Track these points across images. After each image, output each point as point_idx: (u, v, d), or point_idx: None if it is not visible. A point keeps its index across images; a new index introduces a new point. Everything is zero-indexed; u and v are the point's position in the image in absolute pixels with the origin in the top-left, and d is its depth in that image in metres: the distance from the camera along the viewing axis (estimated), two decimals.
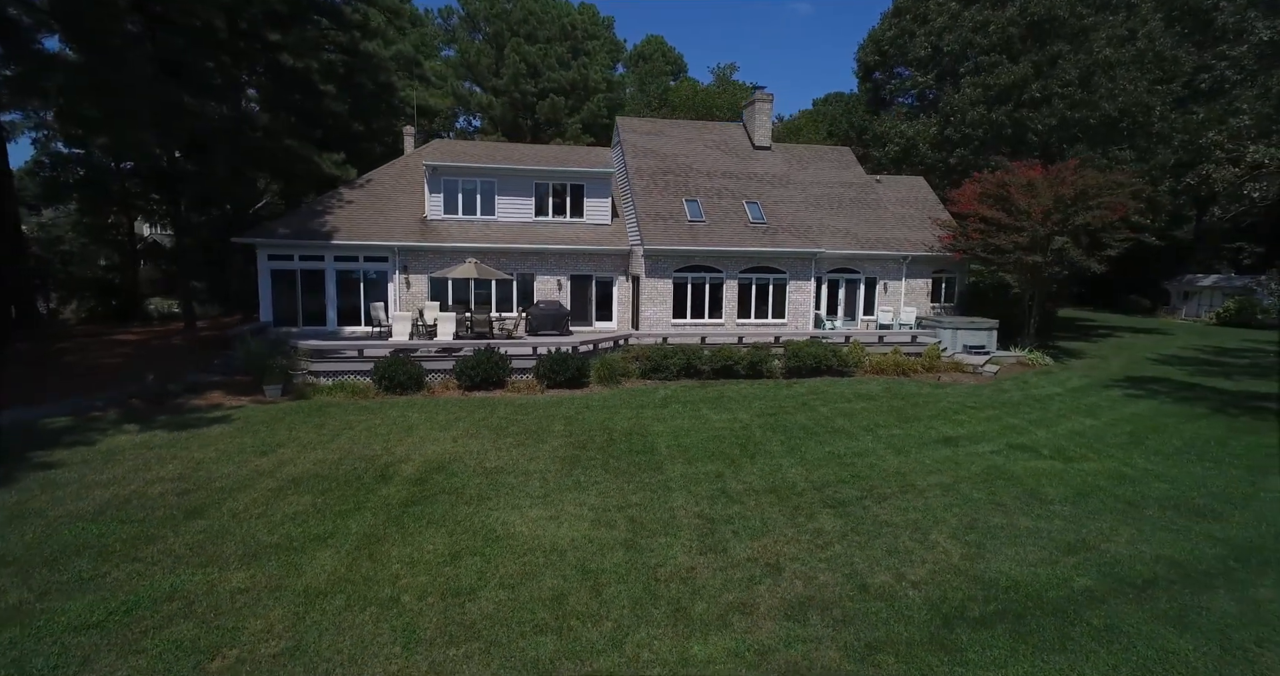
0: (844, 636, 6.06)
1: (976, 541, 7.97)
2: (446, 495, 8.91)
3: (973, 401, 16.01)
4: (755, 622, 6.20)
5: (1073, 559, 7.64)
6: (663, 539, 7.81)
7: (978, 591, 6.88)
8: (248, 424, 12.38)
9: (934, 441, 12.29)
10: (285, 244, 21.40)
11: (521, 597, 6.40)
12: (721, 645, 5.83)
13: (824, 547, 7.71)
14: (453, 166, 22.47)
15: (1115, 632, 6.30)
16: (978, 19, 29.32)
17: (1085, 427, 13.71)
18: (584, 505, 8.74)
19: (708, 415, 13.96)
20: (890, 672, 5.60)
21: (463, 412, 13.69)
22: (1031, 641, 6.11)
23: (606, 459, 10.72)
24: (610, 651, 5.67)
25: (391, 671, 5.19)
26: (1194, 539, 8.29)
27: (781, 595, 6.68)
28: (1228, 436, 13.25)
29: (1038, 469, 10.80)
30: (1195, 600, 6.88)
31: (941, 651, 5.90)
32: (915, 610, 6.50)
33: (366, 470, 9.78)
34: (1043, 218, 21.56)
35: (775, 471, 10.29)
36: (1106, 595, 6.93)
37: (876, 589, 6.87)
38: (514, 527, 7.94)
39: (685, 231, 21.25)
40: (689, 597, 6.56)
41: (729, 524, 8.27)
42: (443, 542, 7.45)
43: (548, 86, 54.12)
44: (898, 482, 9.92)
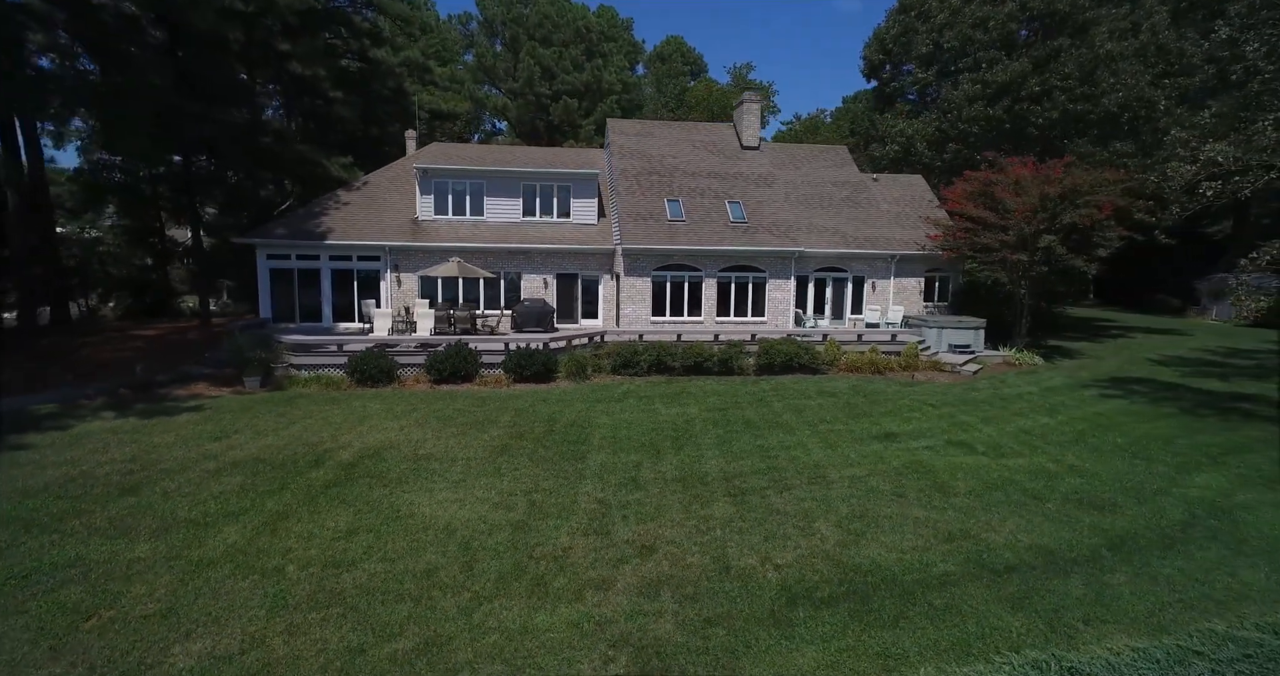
0: (686, 612, 6.42)
1: (858, 529, 8.22)
2: (369, 478, 9.49)
3: (935, 399, 16.05)
4: (607, 597, 6.60)
5: (946, 546, 7.85)
6: (554, 521, 8.24)
7: (836, 574, 7.16)
8: (216, 412, 13.19)
9: (872, 437, 12.47)
10: (283, 244, 22.38)
11: (397, 570, 6.91)
12: (565, 616, 6.25)
13: (705, 532, 8.05)
14: (443, 169, 23.20)
15: (952, 612, 6.54)
16: (977, 15, 28.99)
17: (1036, 426, 13.69)
18: (494, 489, 9.22)
19: (659, 409, 14.33)
20: (716, 643, 5.95)
21: (421, 404, 14.31)
22: (867, 619, 6.39)
23: (536, 448, 11.19)
24: (458, 618, 6.13)
25: (249, 631, 5.72)
26: (1078, 529, 8.41)
27: (644, 574, 7.06)
28: (1179, 435, 13.12)
29: (961, 464, 10.93)
30: (1046, 584, 7.07)
31: (773, 626, 6.22)
32: (766, 590, 6.82)
33: (305, 455, 10.42)
34: (1028, 216, 21.37)
35: (694, 462, 10.63)
36: (961, 579, 7.14)
37: (738, 570, 7.20)
38: (418, 508, 8.47)
39: (665, 231, 21.61)
40: (554, 574, 6.98)
41: (623, 509, 8.66)
42: (345, 520, 8.02)
43: (561, 89, 54.88)
44: (811, 474, 10.18)
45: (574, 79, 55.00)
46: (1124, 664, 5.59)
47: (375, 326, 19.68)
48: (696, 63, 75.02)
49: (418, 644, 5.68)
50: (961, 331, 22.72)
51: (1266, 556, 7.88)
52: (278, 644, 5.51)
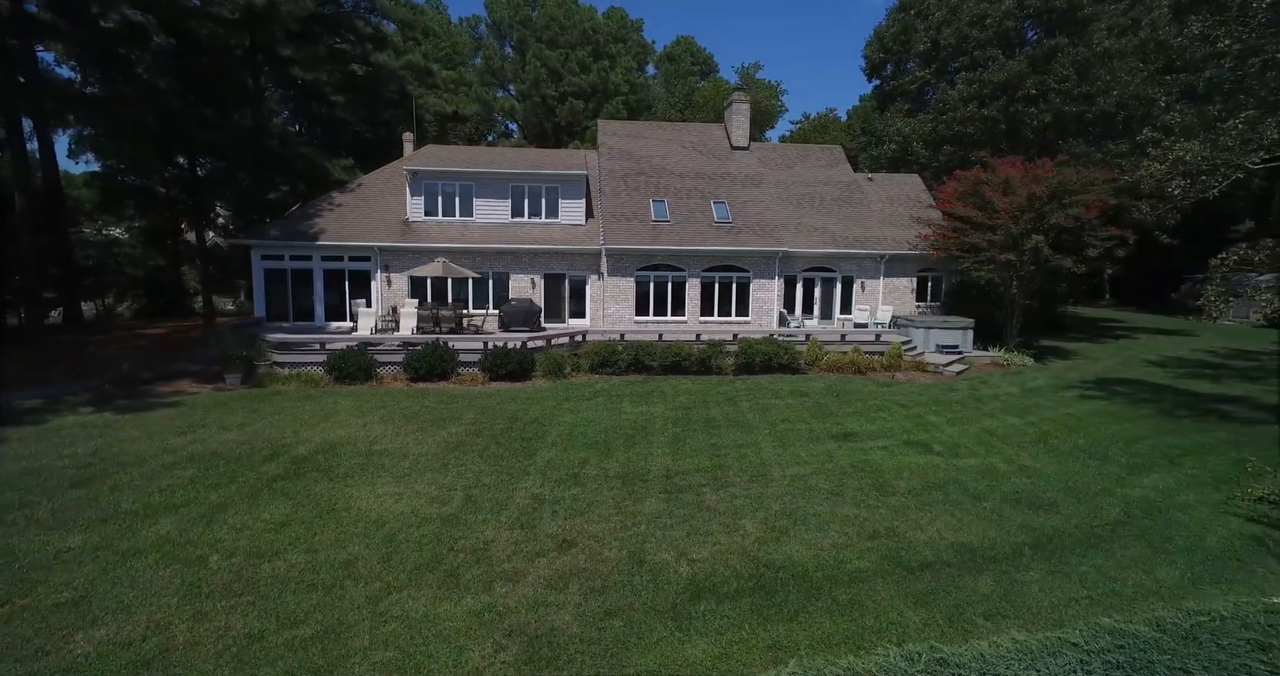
0: (589, 604, 6.57)
1: (783, 527, 8.31)
2: (317, 473, 9.76)
3: (908, 400, 16.01)
4: (515, 589, 6.77)
5: (867, 544, 7.91)
6: (484, 516, 8.44)
7: (748, 570, 7.26)
8: (190, 408, 13.58)
9: (830, 436, 12.50)
10: (276, 244, 22.88)
11: (318, 561, 7.14)
12: (469, 606, 6.43)
13: (629, 528, 8.19)
14: (432, 170, 23.55)
15: (854, 607, 6.62)
16: (974, 12, 28.72)
17: (1002, 426, 13.63)
18: (435, 484, 9.44)
19: (624, 408, 14.47)
20: (610, 634, 6.09)
21: (391, 401, 14.60)
22: (767, 613, 6.50)
23: (490, 445, 11.40)
24: (364, 607, 6.34)
25: (156, 619, 5.97)
26: (1007, 528, 8.42)
27: (558, 567, 7.22)
28: (1147, 436, 13.00)
29: (911, 463, 10.94)
30: (957, 581, 7.12)
31: (671, 619, 6.35)
32: (674, 584, 6.95)
33: (262, 450, 10.73)
34: (1015, 216, 21.20)
35: (640, 460, 10.77)
36: (872, 576, 7.21)
37: (651, 565, 7.33)
38: (356, 502, 8.71)
39: (648, 231, 21.75)
40: (469, 566, 7.17)
41: (556, 504, 8.83)
42: (281, 512, 8.28)
43: (567, 90, 55.24)
44: (754, 473, 10.27)
45: (580, 80, 55.31)
46: (995, 655, 5.66)
47: (359, 325, 20.08)
48: (707, 63, 74.98)
49: (318, 631, 5.89)
50: (949, 332, 22.58)
51: (1187, 554, 7.85)
52: (181, 630, 5.76)
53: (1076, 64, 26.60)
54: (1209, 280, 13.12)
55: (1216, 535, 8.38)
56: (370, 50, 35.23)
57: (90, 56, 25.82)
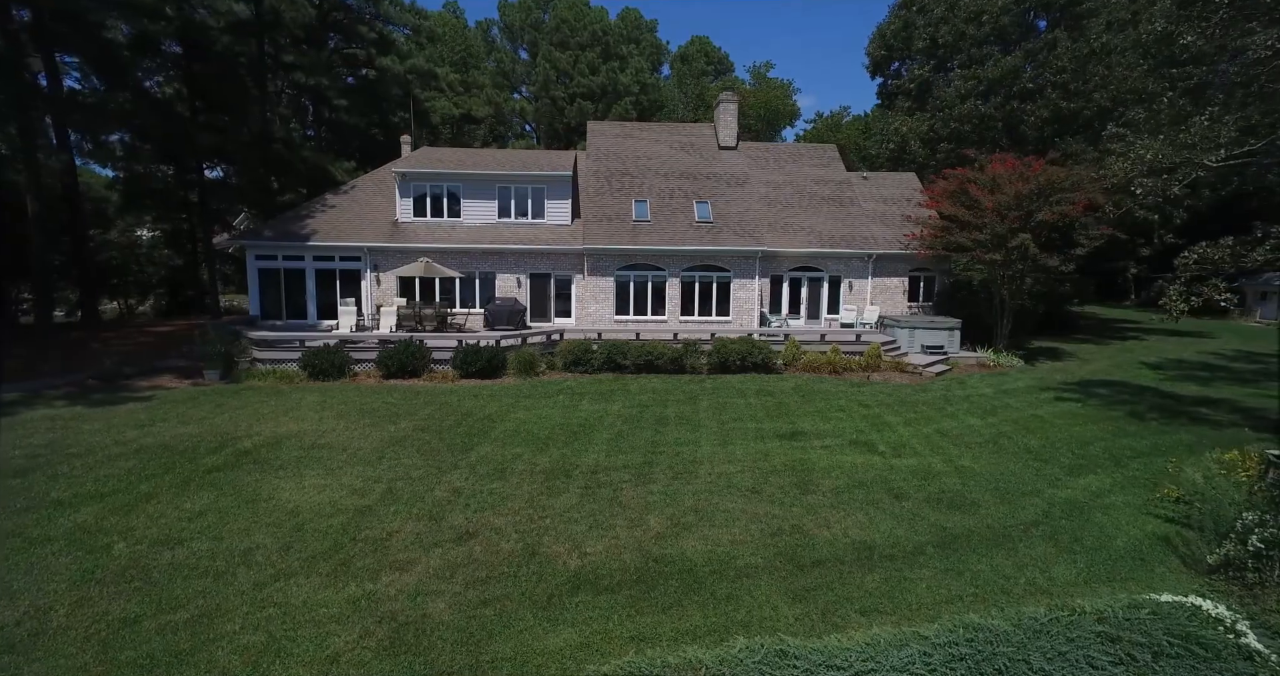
0: (468, 594, 6.72)
1: (688, 523, 8.37)
2: (254, 464, 10.07)
3: (874, 400, 15.91)
4: (400, 578, 6.96)
5: (767, 540, 7.94)
6: (398, 507, 8.64)
7: (637, 563, 7.35)
8: (159, 403, 14.06)
9: (776, 435, 12.50)
10: (269, 245, 23.48)
11: (219, 549, 7.40)
12: (350, 594, 6.62)
13: (535, 521, 8.33)
14: (420, 173, 23.96)
15: (730, 601, 6.68)
16: (971, 8, 28.30)
17: (959, 427, 13.49)
18: (363, 477, 9.69)
19: (582, 405, 14.62)
20: (478, 623, 6.23)
21: (356, 397, 14.94)
22: (640, 605, 6.58)
23: (433, 439, 11.63)
24: (249, 593, 6.56)
25: (39, 604, 6.22)
26: (917, 527, 8.38)
27: (450, 558, 7.39)
28: (1104, 438, 12.78)
29: (846, 463, 10.91)
30: (845, 577, 7.13)
31: (543, 610, 6.47)
32: (557, 576, 7.06)
33: (210, 442, 11.09)
34: (1000, 214, 20.91)
35: (574, 455, 10.90)
36: (760, 571, 7.25)
37: (543, 557, 7.46)
38: (279, 492, 8.98)
39: (628, 231, 21.87)
40: (364, 556, 7.37)
41: (472, 498, 9.01)
42: (203, 502, 8.58)
43: (576, 91, 55.64)
44: (682, 470, 10.33)
45: (588, 82, 55.67)
46: (838, 647, 5.73)
47: (340, 323, 20.55)
48: (721, 62, 74.90)
49: (194, 615, 6.12)
50: (934, 332, 22.33)
51: (1091, 554, 7.75)
52: (58, 615, 6.03)
53: (1074, 59, 26.07)
54: (1174, 279, 12.82)
55: (1128, 535, 8.25)
56: (374, 55, 35.93)
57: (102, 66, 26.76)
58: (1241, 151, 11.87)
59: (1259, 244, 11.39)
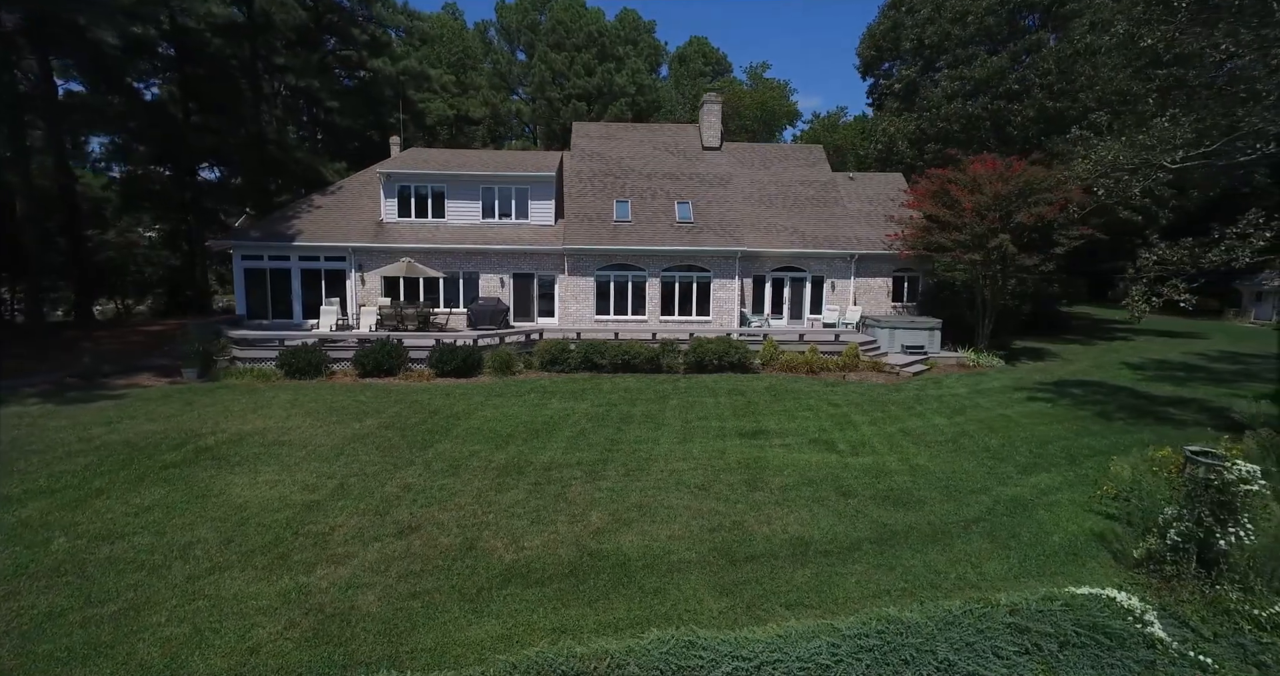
0: (400, 586, 6.83)
1: (630, 518, 8.46)
2: (212, 461, 10.21)
3: (845, 400, 15.97)
4: (335, 571, 7.07)
5: (706, 536, 8.02)
6: (346, 503, 8.76)
7: (571, 557, 7.44)
8: (133, 401, 14.22)
9: (737, 434, 12.58)
10: (255, 245, 23.66)
11: (159, 543, 7.52)
12: (282, 586, 6.73)
13: (479, 516, 8.43)
14: (405, 173, 24.13)
15: (657, 594, 6.77)
16: (957, 9, 28.35)
17: (923, 427, 13.54)
18: (317, 473, 9.81)
19: (551, 404, 14.73)
20: (404, 615, 6.33)
21: (327, 395, 15.07)
22: (567, 598, 6.68)
23: (394, 436, 11.76)
24: (181, 586, 6.67)
25: None
26: (857, 524, 8.46)
27: (388, 552, 7.50)
28: (1066, 437, 12.83)
29: (801, 461, 10.98)
30: (775, 572, 7.21)
31: (471, 602, 6.57)
32: (491, 570, 7.16)
33: (173, 439, 11.23)
34: (979, 215, 20.94)
35: (531, 453, 11.01)
36: (692, 565, 7.34)
37: (480, 551, 7.57)
38: (230, 488, 9.11)
39: (609, 231, 21.98)
40: (303, 549, 7.48)
41: (421, 493, 9.12)
42: (152, 497, 8.70)
43: (571, 92, 55.80)
44: (634, 467, 10.42)
45: (584, 83, 55.84)
46: (749, 638, 5.82)
47: (321, 322, 20.70)
48: (720, 63, 75.01)
49: (120, 609, 6.22)
50: (915, 332, 22.38)
51: (1025, 549, 7.82)
52: None
53: (1059, 60, 26.09)
54: (1136, 279, 12.87)
55: (1065, 531, 8.31)
56: (366, 57, 36.14)
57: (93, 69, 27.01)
58: (1197, 153, 11.93)
59: (1214, 245, 11.44)
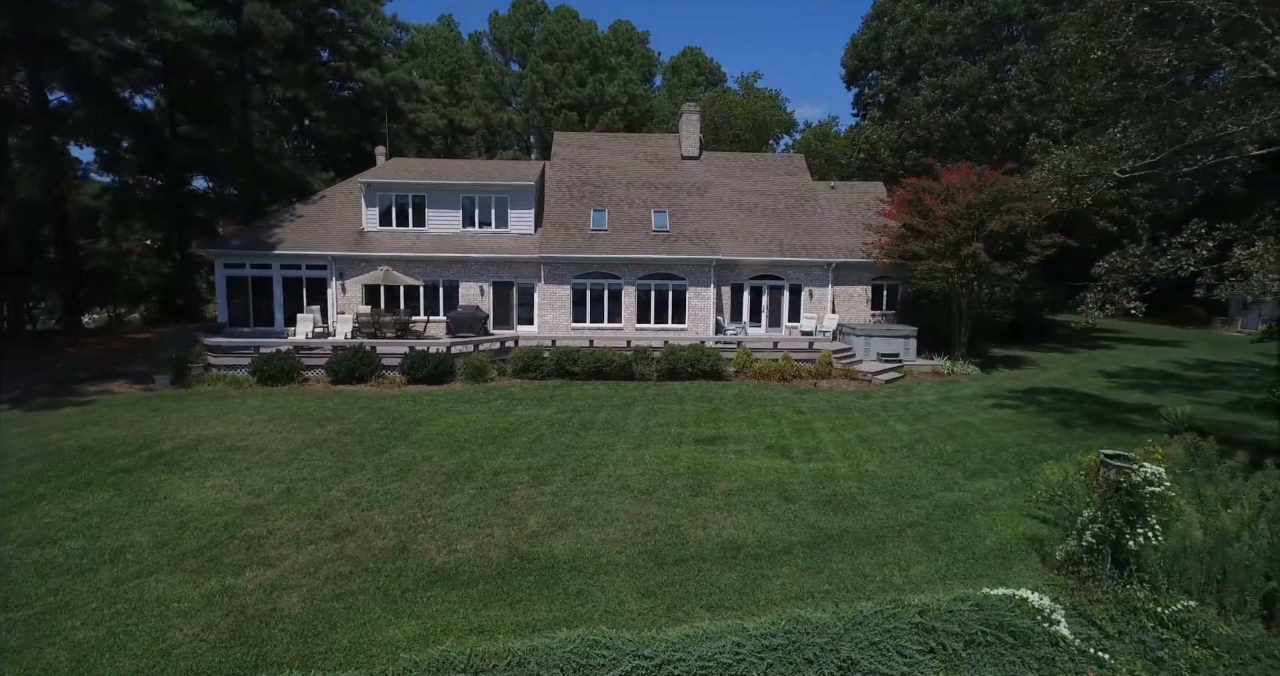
0: (325, 588, 6.92)
1: (566, 522, 8.55)
2: (164, 466, 10.31)
3: (810, 407, 16.06)
4: (263, 573, 7.15)
5: (640, 539, 8.11)
6: (289, 506, 8.85)
7: (502, 560, 7.53)
8: (100, 407, 14.34)
9: (694, 440, 12.66)
10: (237, 254, 23.84)
11: (92, 547, 7.59)
12: (207, 589, 6.81)
13: (418, 520, 8.52)
14: (385, 182, 24.34)
15: (580, 595, 6.86)
16: (936, 19, 28.69)
17: (881, 433, 13.63)
18: (267, 477, 9.91)
19: (516, 410, 14.83)
20: (324, 616, 6.42)
21: (294, 402, 15.18)
22: (490, 599, 6.77)
23: (351, 442, 11.86)
24: (105, 590, 6.74)
25: None
26: (794, 528, 8.54)
27: (320, 554, 7.59)
28: (1022, 444, 12.91)
29: (751, 467, 11.07)
30: (702, 575, 7.30)
31: (393, 603, 6.66)
32: (419, 572, 7.25)
33: (129, 445, 11.33)
34: (952, 223, 21.13)
35: (484, 458, 11.10)
36: (620, 568, 7.43)
37: (412, 553, 7.65)
38: (176, 492, 9.21)
39: (585, 240, 22.16)
40: (236, 553, 7.57)
41: (366, 497, 9.21)
42: (95, 502, 8.79)
43: (562, 103, 56.25)
44: (583, 472, 10.51)
45: (575, 93, 56.30)
46: (655, 638, 5.90)
47: (297, 330, 20.83)
48: (713, 73, 75.52)
49: (37, 613, 6.28)
50: (890, 340, 22.50)
51: (955, 553, 7.90)
52: None
53: (1036, 71, 26.38)
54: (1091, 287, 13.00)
55: (998, 535, 8.40)
56: (354, 67, 36.49)
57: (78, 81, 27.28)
58: (1143, 163, 12.10)
59: (1162, 254, 11.58)
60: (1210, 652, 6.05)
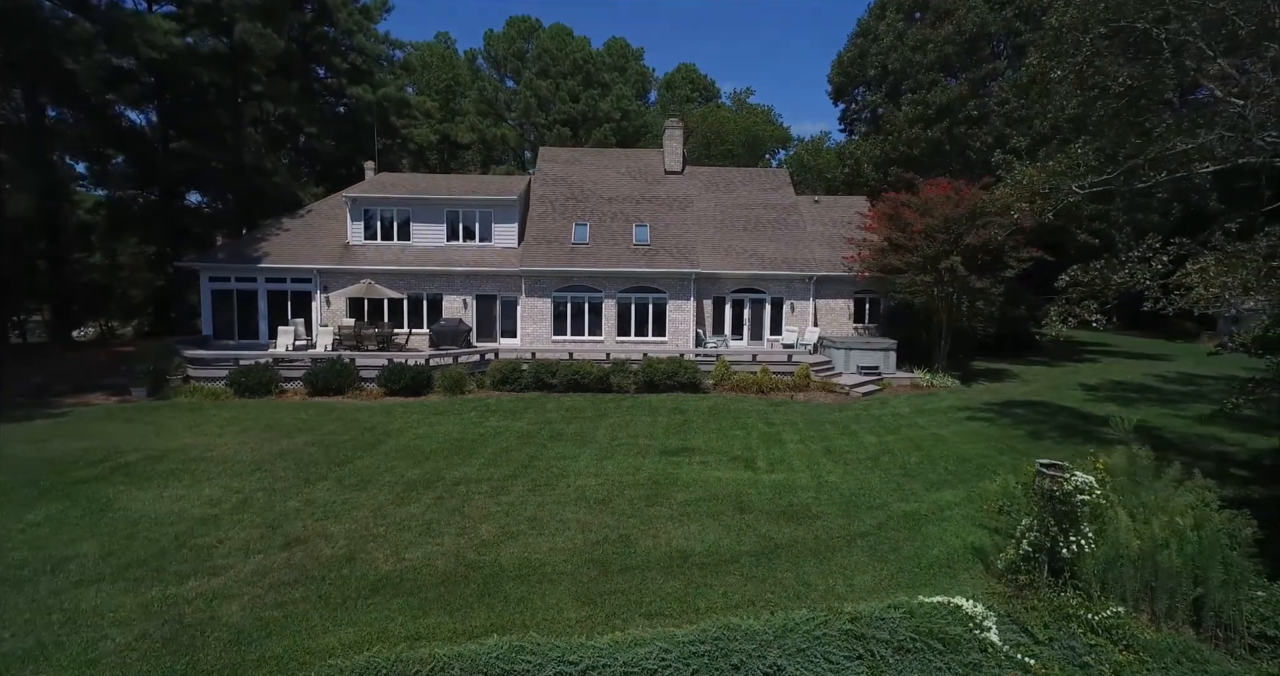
0: (268, 596, 6.95)
1: (518, 531, 8.60)
2: (125, 477, 10.35)
3: (783, 419, 16.11)
4: (206, 582, 7.19)
5: (590, 548, 8.15)
6: (246, 516, 8.90)
7: (448, 568, 7.57)
8: (72, 419, 14.41)
9: (662, 451, 12.71)
10: (223, 267, 24.03)
11: (36, 557, 7.61)
12: (148, 598, 6.84)
13: (370, 529, 8.57)
14: (370, 197, 24.57)
15: (521, 603, 6.91)
16: (917, 38, 29.14)
17: (850, 445, 13.68)
18: (226, 488, 9.96)
19: (488, 422, 14.89)
20: (262, 624, 6.45)
21: (268, 413, 15.24)
22: (430, 607, 6.81)
23: (318, 452, 11.91)
24: (43, 600, 6.75)
25: None
26: (745, 538, 8.58)
27: (267, 563, 7.63)
28: (985, 455, 12.98)
29: (712, 478, 11.11)
30: (645, 584, 7.35)
31: (333, 611, 6.70)
32: (364, 580, 7.29)
33: (92, 457, 11.38)
34: (929, 237, 21.32)
35: (449, 468, 11.16)
36: (564, 576, 7.47)
37: (359, 562, 7.70)
38: (132, 503, 9.25)
39: (566, 253, 22.34)
40: (182, 562, 7.60)
41: (323, 507, 9.26)
42: (48, 513, 8.83)
43: (555, 118, 56.82)
44: (543, 483, 10.56)
45: (568, 109, 56.90)
46: (579, 645, 5.96)
47: (278, 342, 20.93)
48: (708, 89, 76.40)
49: None
50: (869, 353, 22.61)
51: (902, 562, 7.96)
52: None
53: (1016, 88, 26.76)
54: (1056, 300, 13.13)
55: (947, 545, 8.45)
56: (346, 84, 36.93)
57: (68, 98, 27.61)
58: (1100, 179, 12.30)
59: (1120, 268, 11.73)
60: (1135, 657, 6.10)
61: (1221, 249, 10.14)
